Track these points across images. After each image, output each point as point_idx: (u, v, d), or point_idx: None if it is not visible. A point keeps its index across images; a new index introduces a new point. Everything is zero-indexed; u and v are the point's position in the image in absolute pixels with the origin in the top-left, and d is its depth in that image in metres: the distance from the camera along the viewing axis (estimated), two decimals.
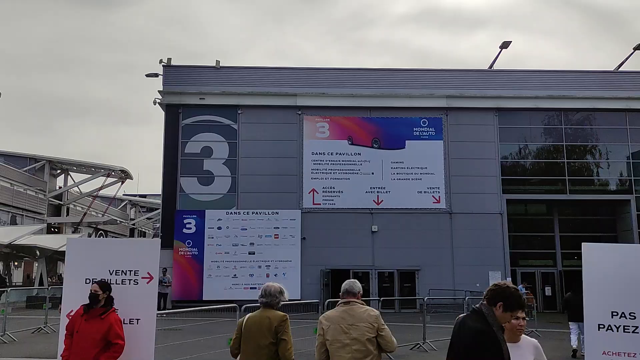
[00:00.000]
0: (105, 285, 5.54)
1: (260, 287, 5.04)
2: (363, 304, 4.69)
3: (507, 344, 3.53)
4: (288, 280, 23.84)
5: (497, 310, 3.53)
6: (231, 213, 24.70)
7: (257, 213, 24.63)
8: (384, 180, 25.26)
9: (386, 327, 4.59)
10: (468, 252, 24.53)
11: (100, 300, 5.43)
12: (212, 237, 24.38)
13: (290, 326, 4.75)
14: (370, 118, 25.95)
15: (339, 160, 25.39)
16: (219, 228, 24.48)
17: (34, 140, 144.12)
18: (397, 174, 25.31)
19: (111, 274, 5.83)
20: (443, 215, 25.13)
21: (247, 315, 4.94)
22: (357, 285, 4.81)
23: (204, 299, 23.10)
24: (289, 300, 5.16)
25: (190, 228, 24.45)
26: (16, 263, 38.19)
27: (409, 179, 25.26)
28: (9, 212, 39.57)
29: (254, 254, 24.30)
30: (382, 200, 25.11)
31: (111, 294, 5.55)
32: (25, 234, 28.13)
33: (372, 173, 25.29)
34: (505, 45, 27.31)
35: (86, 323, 5.35)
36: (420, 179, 25.29)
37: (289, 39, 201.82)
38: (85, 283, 5.63)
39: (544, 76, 27.01)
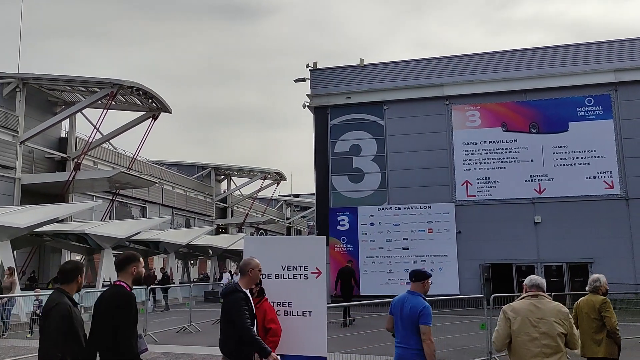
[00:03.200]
0: None
1: None
2: (551, 299, 4.57)
3: None
4: (445, 275, 23.28)
5: None
6: (383, 209, 24.81)
7: (408, 208, 24.42)
8: (545, 167, 23.41)
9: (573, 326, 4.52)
10: None
11: (254, 293, 5.80)
12: (366, 233, 24.73)
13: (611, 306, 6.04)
14: (526, 102, 24.21)
15: (493, 149, 24.11)
16: (372, 224, 24.74)
17: (199, 150, 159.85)
18: (561, 159, 23.29)
19: (283, 269, 6.20)
20: (618, 201, 22.52)
21: (580, 300, 6.29)
22: (543, 280, 4.76)
23: (361, 294, 23.51)
24: (449, 295, 5.30)
25: (344, 225, 25.07)
26: (192, 261, 42.65)
27: (574, 164, 23.10)
28: (184, 215, 44.45)
29: (408, 249, 24.14)
30: (545, 189, 23.28)
31: (261, 286, 5.85)
32: (200, 235, 31.19)
33: (532, 160, 23.59)
34: None
35: None
36: (589, 163, 22.97)
37: (429, 28, 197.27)
38: (262, 278, 5.99)
39: None
